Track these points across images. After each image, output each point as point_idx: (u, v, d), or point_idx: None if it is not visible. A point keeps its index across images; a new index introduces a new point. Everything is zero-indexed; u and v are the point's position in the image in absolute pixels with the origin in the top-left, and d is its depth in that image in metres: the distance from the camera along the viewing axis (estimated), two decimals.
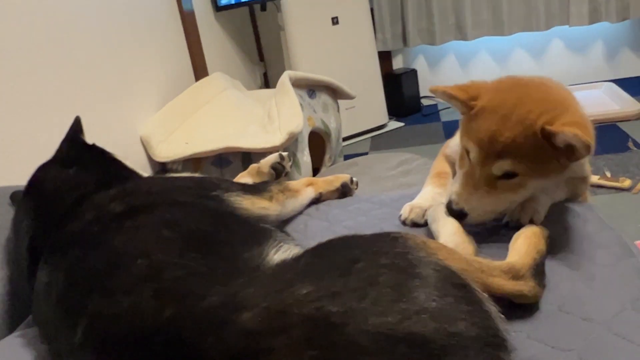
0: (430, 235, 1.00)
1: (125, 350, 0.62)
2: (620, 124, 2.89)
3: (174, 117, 2.26)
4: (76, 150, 1.11)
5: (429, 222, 1.01)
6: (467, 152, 0.96)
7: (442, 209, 0.99)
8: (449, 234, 0.92)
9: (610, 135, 2.78)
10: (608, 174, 2.36)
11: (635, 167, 2.41)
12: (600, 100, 3.21)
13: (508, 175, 0.91)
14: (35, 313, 0.87)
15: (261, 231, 0.88)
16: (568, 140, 0.86)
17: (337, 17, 3.14)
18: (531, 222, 0.97)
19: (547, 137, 0.88)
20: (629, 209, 2.10)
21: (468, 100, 0.96)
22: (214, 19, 2.99)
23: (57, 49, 1.66)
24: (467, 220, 0.94)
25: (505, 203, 0.95)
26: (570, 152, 0.89)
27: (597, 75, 3.59)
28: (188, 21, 2.64)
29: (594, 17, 3.37)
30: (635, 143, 2.64)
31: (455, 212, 0.94)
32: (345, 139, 3.09)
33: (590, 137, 0.85)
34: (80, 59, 1.77)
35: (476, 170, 0.93)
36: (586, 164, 1.11)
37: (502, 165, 0.90)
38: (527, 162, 0.89)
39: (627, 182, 2.26)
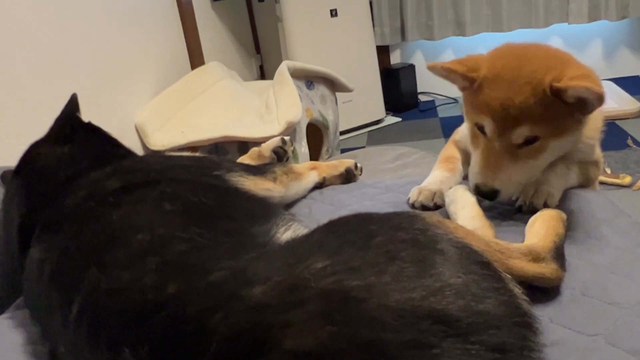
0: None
1: (124, 327, 0.57)
2: (619, 122, 2.88)
3: (169, 105, 2.21)
4: (71, 128, 1.06)
5: (446, 203, 0.97)
6: (480, 128, 0.92)
7: (461, 191, 0.95)
8: (468, 218, 0.88)
9: (609, 132, 2.72)
10: (608, 171, 2.34)
11: (635, 164, 2.40)
12: None
13: (528, 142, 0.88)
14: (26, 293, 0.82)
15: (268, 207, 0.84)
16: (579, 94, 0.83)
17: (335, 10, 3.10)
18: (545, 205, 0.94)
19: (557, 94, 0.85)
20: (630, 206, 2.08)
21: (468, 72, 0.92)
22: (210, 9, 2.95)
23: (52, 34, 1.61)
24: (500, 198, 0.91)
25: (531, 171, 0.92)
26: (582, 106, 0.86)
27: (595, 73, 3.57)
28: (185, 10, 2.60)
29: (593, 15, 3.36)
30: (634, 141, 2.63)
31: (486, 193, 0.90)
32: (342, 133, 3.05)
33: (599, 87, 0.81)
34: (76, 45, 1.72)
35: (495, 144, 0.89)
36: (597, 147, 1.08)
37: (522, 132, 0.87)
38: (544, 123, 0.86)
39: (627, 179, 2.25)
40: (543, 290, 0.75)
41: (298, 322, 0.51)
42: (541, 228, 0.83)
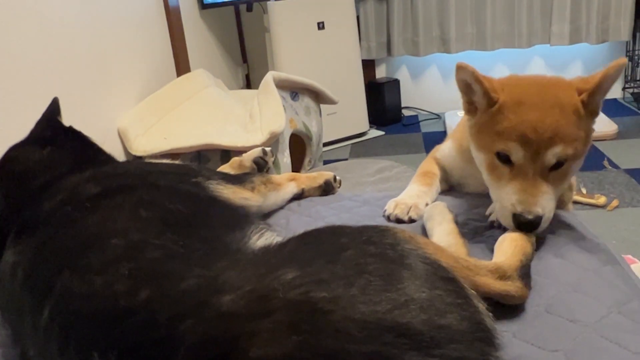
0: (415, 232, 0.98)
1: (94, 332, 0.58)
2: (596, 144, 2.94)
3: (153, 111, 2.21)
4: (52, 131, 1.06)
5: (424, 219, 0.99)
6: (502, 157, 0.89)
7: (439, 208, 0.97)
8: (444, 234, 0.90)
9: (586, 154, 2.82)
10: (584, 191, 2.39)
11: (610, 185, 2.45)
12: None
13: (558, 165, 0.87)
14: None
15: (243, 216, 0.85)
16: (610, 77, 0.86)
17: (323, 22, 3.14)
18: None
19: (589, 101, 0.87)
20: (604, 226, 2.12)
21: (491, 90, 0.90)
22: (199, 16, 2.96)
23: (35, 37, 1.60)
24: (542, 225, 0.87)
25: (558, 193, 0.90)
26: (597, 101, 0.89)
27: None
28: (173, 16, 2.61)
29: (574, 38, 3.44)
30: (610, 162, 2.69)
31: (531, 221, 0.86)
32: (325, 145, 3.08)
33: None
34: (60, 48, 1.71)
35: (527, 169, 0.87)
36: None
37: (556, 152, 0.85)
38: (574, 142, 0.86)
39: (602, 200, 2.29)
40: (509, 307, 0.77)
41: (265, 331, 0.52)
42: (509, 247, 0.85)
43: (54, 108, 1.11)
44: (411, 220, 1.05)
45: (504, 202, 0.90)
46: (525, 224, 0.87)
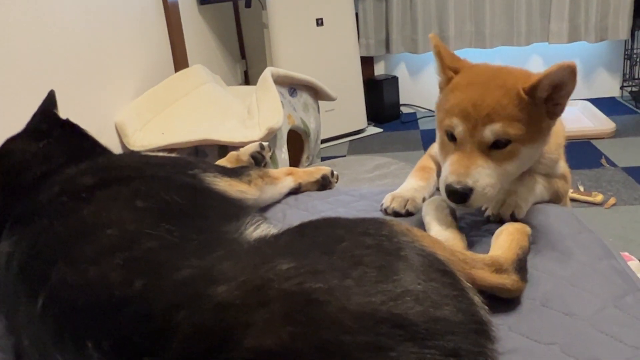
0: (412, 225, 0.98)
1: (89, 322, 0.57)
2: (594, 142, 2.94)
3: (151, 106, 2.20)
4: (48, 124, 1.06)
5: (422, 213, 0.99)
6: (449, 133, 0.93)
7: (437, 202, 0.97)
8: (441, 229, 0.90)
9: (584, 151, 2.83)
10: (581, 189, 2.39)
11: (607, 183, 2.46)
12: (575, 118, 3.26)
13: (500, 145, 0.89)
14: None
15: (239, 207, 0.85)
16: (552, 77, 0.85)
17: (321, 19, 3.13)
18: (512, 217, 0.97)
19: (531, 93, 0.88)
20: (601, 223, 2.13)
21: (451, 63, 0.94)
22: (197, 12, 2.95)
23: (33, 30, 1.60)
24: (472, 199, 0.87)
25: (502, 176, 0.91)
26: (553, 100, 0.89)
27: (573, 93, 3.65)
28: (171, 12, 2.60)
29: (573, 36, 3.44)
30: (608, 160, 2.69)
31: (459, 191, 0.87)
32: (323, 142, 3.07)
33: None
34: (57, 41, 1.71)
35: (466, 144, 0.89)
36: (562, 161, 1.12)
37: (493, 128, 0.87)
38: (516, 124, 0.87)
39: (599, 197, 2.30)
40: (505, 300, 0.77)
41: (260, 321, 0.52)
42: (506, 240, 0.85)
43: (50, 101, 1.10)
44: (408, 214, 1.05)
45: (442, 174, 0.92)
46: (453, 193, 0.88)
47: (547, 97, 0.89)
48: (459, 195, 0.87)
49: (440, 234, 0.89)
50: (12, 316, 0.71)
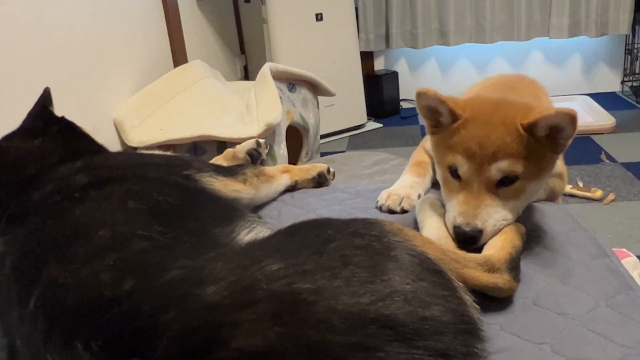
0: (408, 224, 0.98)
1: (78, 322, 0.58)
2: (594, 137, 2.94)
3: (149, 102, 2.20)
4: (43, 122, 1.06)
5: (416, 212, 0.99)
6: (453, 172, 0.91)
7: (430, 201, 0.97)
8: (434, 228, 0.90)
9: (583, 147, 2.82)
10: (580, 184, 2.39)
11: (607, 179, 2.45)
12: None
13: (507, 181, 0.87)
14: None
15: (233, 210, 0.85)
16: (550, 121, 0.83)
17: (321, 14, 3.12)
18: None
19: (529, 130, 0.86)
20: (600, 219, 2.12)
21: (456, 108, 0.90)
22: (196, 7, 2.94)
23: (31, 26, 1.60)
24: (482, 240, 0.86)
25: (512, 212, 0.89)
26: (555, 139, 0.87)
27: (573, 88, 3.65)
28: (170, 7, 2.59)
29: (573, 31, 3.43)
30: (607, 156, 2.69)
31: (468, 233, 0.85)
32: (322, 137, 3.07)
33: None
34: (55, 37, 1.71)
35: (473, 183, 0.88)
36: (559, 159, 1.11)
37: (500, 167, 0.86)
38: (521, 161, 0.86)
39: (598, 193, 2.29)
40: (497, 299, 0.77)
41: (247, 322, 0.52)
42: (499, 240, 0.85)
43: (45, 98, 1.10)
44: (403, 211, 1.05)
45: (449, 213, 0.90)
46: (463, 236, 0.86)
47: (548, 134, 0.87)
48: (469, 238, 0.86)
49: (433, 233, 0.89)
50: (6, 316, 0.71)
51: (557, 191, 1.11)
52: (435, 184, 1.18)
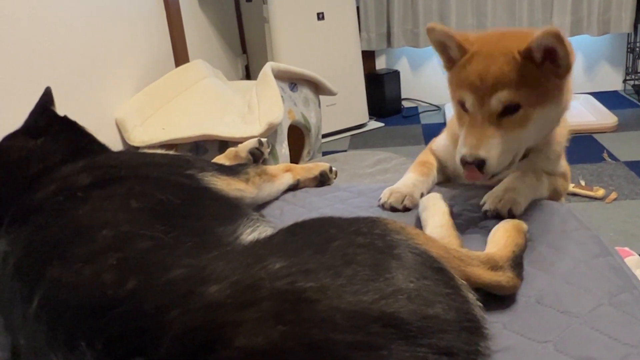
0: (411, 222, 0.98)
1: (82, 321, 0.58)
2: (596, 136, 2.93)
3: (151, 101, 2.21)
4: (45, 121, 1.06)
5: (419, 210, 0.99)
6: (462, 105, 0.95)
7: (433, 199, 0.97)
8: (437, 226, 0.90)
9: (585, 145, 2.82)
10: (583, 183, 2.38)
11: (609, 178, 2.45)
12: (577, 112, 3.25)
13: (510, 111, 0.90)
14: None
15: (236, 208, 0.85)
16: (542, 42, 0.86)
17: (322, 13, 3.12)
18: (510, 214, 0.96)
19: (527, 56, 0.88)
20: (602, 218, 2.12)
21: (464, 42, 0.95)
22: (197, 6, 2.94)
23: (33, 26, 1.60)
24: (487, 169, 0.90)
25: (516, 141, 0.92)
26: (554, 62, 0.89)
27: (575, 86, 3.61)
28: (171, 6, 2.59)
29: (575, 30, 3.42)
30: (609, 154, 2.68)
31: (472, 162, 0.90)
32: (324, 136, 3.07)
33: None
34: (56, 37, 1.71)
35: (477, 116, 0.91)
36: (563, 159, 1.11)
37: (500, 96, 0.89)
38: (522, 89, 0.89)
39: (600, 192, 2.29)
40: (500, 298, 0.77)
41: (250, 320, 0.52)
42: (502, 238, 0.85)
43: (47, 98, 1.10)
44: (405, 209, 1.05)
45: (458, 145, 0.95)
46: (468, 165, 0.91)
47: (545, 57, 0.89)
48: (469, 164, 0.90)
49: (436, 231, 0.89)
50: (9, 315, 0.71)
51: (560, 190, 1.11)
52: (437, 185, 1.18)
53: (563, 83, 0.94)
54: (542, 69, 0.89)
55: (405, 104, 3.77)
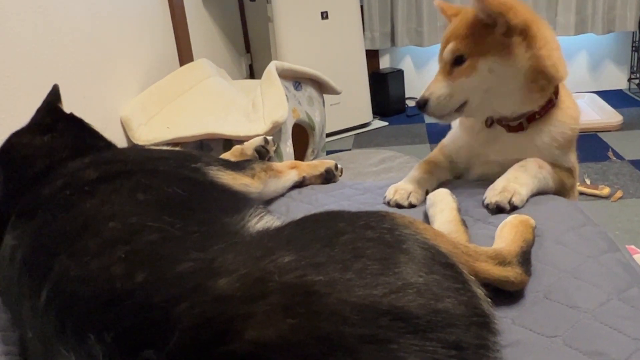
0: (418, 218, 0.98)
1: (91, 314, 0.58)
2: (600, 134, 2.92)
3: (156, 100, 2.21)
4: (52, 118, 1.06)
5: (427, 206, 0.99)
6: None
7: (441, 195, 0.98)
8: (445, 222, 0.90)
9: (591, 144, 2.81)
10: (588, 182, 2.38)
11: (614, 176, 2.44)
12: (582, 110, 3.23)
13: (460, 61, 1.03)
14: None
15: (242, 200, 0.84)
16: (476, 6, 0.99)
17: (326, 12, 3.12)
18: (511, 205, 0.96)
19: (479, 17, 1.00)
20: (608, 216, 2.11)
21: (449, 10, 1.12)
22: (202, 6, 2.95)
23: (38, 24, 1.60)
24: (427, 108, 1.06)
25: (462, 89, 1.04)
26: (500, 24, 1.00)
27: (580, 85, 3.63)
28: (176, 6, 2.60)
29: (580, 28, 3.42)
30: (615, 153, 2.67)
31: (417, 102, 1.09)
32: (328, 135, 3.07)
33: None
34: (62, 36, 1.71)
35: (439, 66, 1.07)
36: (570, 154, 1.11)
37: (449, 47, 1.04)
38: (467, 40, 1.02)
39: (606, 190, 2.28)
40: (508, 293, 0.77)
41: (260, 313, 0.52)
42: (509, 233, 0.85)
43: (54, 95, 1.11)
44: (411, 206, 1.05)
45: None
46: (417, 103, 1.10)
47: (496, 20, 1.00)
48: (420, 104, 1.08)
49: (444, 227, 0.89)
50: (17, 309, 0.72)
51: (567, 185, 1.10)
52: (444, 182, 1.17)
53: (510, 41, 1.00)
54: (489, 27, 1.00)
55: (409, 103, 3.77)
